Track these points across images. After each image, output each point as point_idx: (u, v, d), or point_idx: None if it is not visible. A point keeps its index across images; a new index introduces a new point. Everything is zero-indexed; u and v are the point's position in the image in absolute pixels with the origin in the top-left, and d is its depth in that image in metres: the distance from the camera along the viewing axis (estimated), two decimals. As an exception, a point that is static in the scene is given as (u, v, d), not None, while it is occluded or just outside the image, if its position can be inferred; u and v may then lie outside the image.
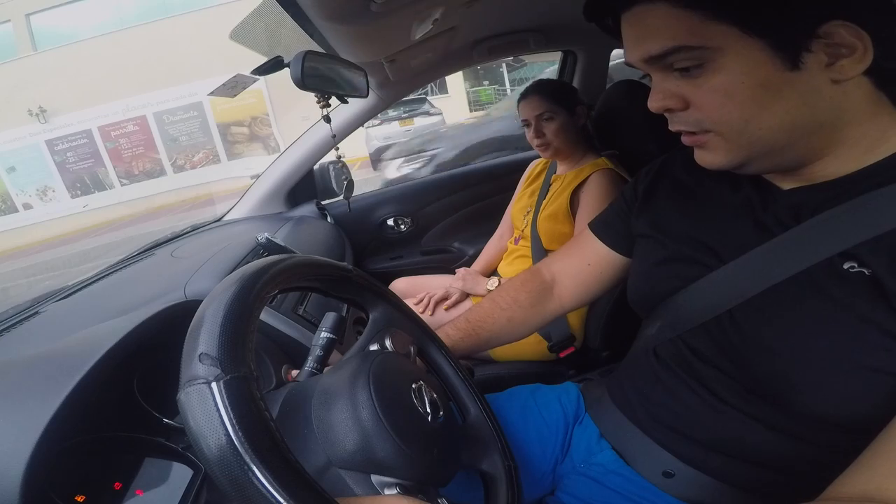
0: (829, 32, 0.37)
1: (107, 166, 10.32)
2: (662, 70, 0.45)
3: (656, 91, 0.46)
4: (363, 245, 1.74)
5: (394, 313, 0.57)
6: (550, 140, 1.19)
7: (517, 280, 0.76)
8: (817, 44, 0.38)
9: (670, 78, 0.45)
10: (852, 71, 0.38)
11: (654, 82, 0.47)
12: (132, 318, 0.57)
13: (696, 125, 0.46)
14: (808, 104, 0.40)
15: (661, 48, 0.42)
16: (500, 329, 0.72)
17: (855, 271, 0.41)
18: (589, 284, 0.73)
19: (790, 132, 0.42)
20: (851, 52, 0.38)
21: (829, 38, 0.38)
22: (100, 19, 10.39)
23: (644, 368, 0.62)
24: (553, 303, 0.74)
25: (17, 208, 10.18)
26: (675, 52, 0.42)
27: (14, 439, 0.42)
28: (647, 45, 0.43)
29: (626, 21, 0.45)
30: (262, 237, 1.00)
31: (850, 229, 0.42)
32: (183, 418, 0.31)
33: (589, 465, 0.65)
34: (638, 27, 0.44)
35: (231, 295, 0.36)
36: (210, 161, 10.50)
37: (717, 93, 0.42)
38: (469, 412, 0.58)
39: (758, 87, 0.40)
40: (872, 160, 0.43)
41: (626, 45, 0.46)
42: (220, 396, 0.30)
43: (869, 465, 0.38)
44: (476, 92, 13.64)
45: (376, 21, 0.68)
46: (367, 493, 0.39)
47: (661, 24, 0.42)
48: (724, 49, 0.40)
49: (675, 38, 0.41)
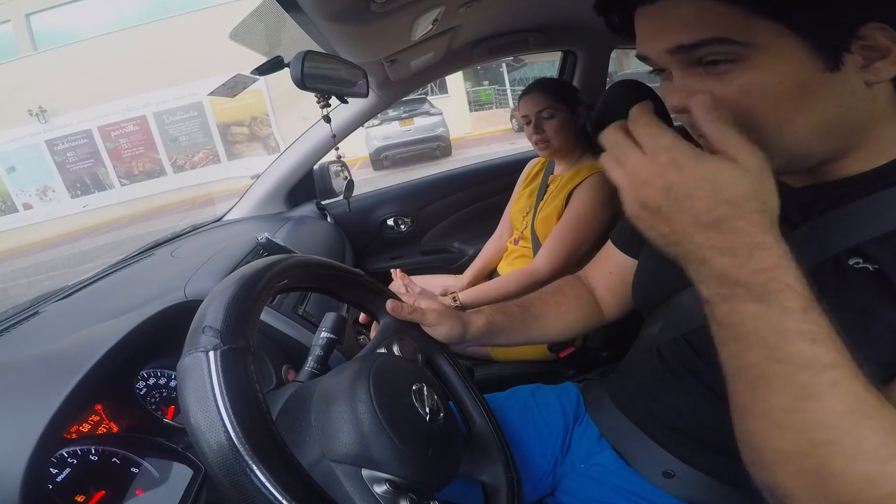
0: (866, 34, 0.37)
1: (107, 166, 10.33)
2: (686, 65, 0.42)
3: (678, 88, 0.43)
4: (363, 245, 1.74)
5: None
6: (550, 137, 1.19)
7: (559, 280, 0.78)
8: (856, 45, 0.37)
9: (694, 74, 0.42)
10: (886, 73, 0.38)
11: (675, 78, 0.43)
12: (132, 318, 0.57)
13: None
14: (843, 106, 0.40)
15: (696, 38, 0.39)
16: (548, 311, 0.72)
17: (860, 267, 0.41)
18: (617, 292, 0.73)
19: (822, 134, 0.41)
20: (885, 54, 0.37)
21: (867, 40, 0.37)
22: (100, 19, 10.40)
23: (645, 368, 0.62)
24: (596, 306, 0.75)
25: (17, 208, 10.19)
26: (711, 44, 0.39)
27: (14, 439, 0.42)
28: (676, 36, 0.40)
29: (646, 14, 0.43)
30: (262, 237, 1.00)
31: (857, 227, 0.42)
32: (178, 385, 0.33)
33: (589, 465, 0.65)
34: (662, 19, 0.42)
35: (241, 281, 0.38)
36: (210, 161, 10.51)
37: (751, 92, 0.40)
38: (475, 423, 0.58)
39: (796, 87, 0.39)
40: (885, 160, 0.43)
41: (645, 36, 0.43)
42: (215, 365, 0.32)
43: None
44: (476, 92, 13.64)
45: (376, 21, 0.68)
46: (356, 486, 0.39)
47: (695, 14, 0.39)
48: (765, 47, 0.38)
49: (715, 30, 0.39)
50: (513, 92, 13.14)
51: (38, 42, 10.60)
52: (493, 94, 13.70)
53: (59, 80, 9.73)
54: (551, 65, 2.42)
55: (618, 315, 0.75)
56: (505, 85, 13.49)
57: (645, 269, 0.64)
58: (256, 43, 1.03)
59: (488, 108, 13.50)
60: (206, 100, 10.02)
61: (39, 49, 10.51)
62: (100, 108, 9.95)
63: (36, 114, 9.97)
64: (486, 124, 12.26)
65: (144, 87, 9.78)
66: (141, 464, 0.50)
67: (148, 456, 0.50)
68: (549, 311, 0.72)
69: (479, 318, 0.65)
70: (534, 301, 0.73)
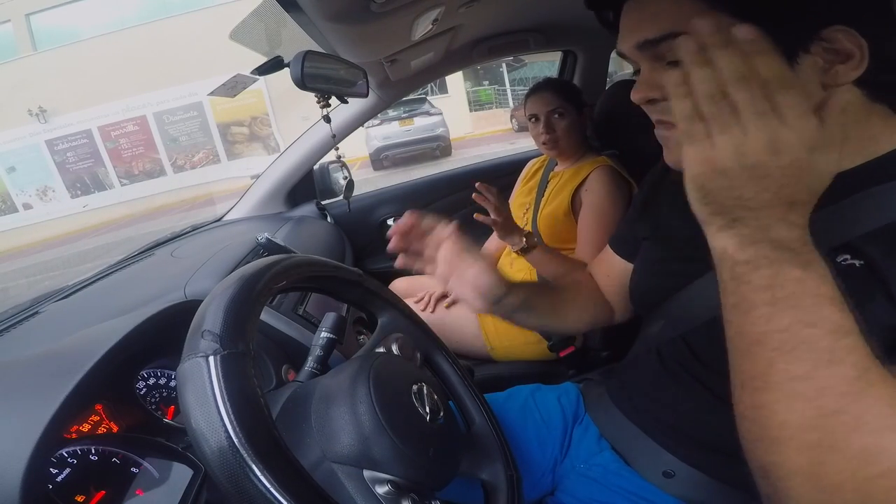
0: (830, 37, 0.37)
1: (107, 166, 10.33)
2: (653, 60, 0.44)
3: (642, 82, 0.45)
4: (363, 245, 1.74)
5: (402, 319, 0.58)
6: (560, 137, 1.18)
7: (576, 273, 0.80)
8: (816, 46, 0.38)
9: (659, 69, 0.44)
10: (845, 77, 0.38)
11: (642, 73, 0.46)
12: (132, 318, 0.57)
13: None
14: None
15: (658, 32, 0.42)
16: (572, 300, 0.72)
17: (847, 264, 0.41)
18: (615, 295, 0.73)
19: None
20: (847, 58, 0.38)
21: (829, 43, 0.38)
22: (100, 19, 10.40)
23: (645, 368, 0.62)
24: (607, 304, 0.75)
25: (17, 208, 10.19)
26: (670, 38, 0.41)
27: (14, 439, 0.42)
28: (642, 31, 0.43)
29: (627, 9, 0.45)
30: (262, 237, 1.00)
31: (841, 227, 0.42)
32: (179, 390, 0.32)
33: (589, 465, 0.65)
34: (638, 13, 0.44)
35: (240, 283, 0.38)
36: (210, 161, 10.51)
37: None
38: (474, 421, 0.58)
39: None
40: (860, 161, 0.43)
41: (622, 33, 0.46)
42: (216, 369, 0.32)
43: None
44: (476, 92, 13.65)
45: (376, 21, 0.68)
46: (358, 487, 0.39)
47: (662, 9, 0.41)
48: None
49: (674, 24, 0.40)
50: (513, 92, 13.15)
51: (38, 42, 10.60)
52: (493, 94, 13.71)
53: (59, 80, 9.73)
54: (551, 65, 2.42)
55: (622, 317, 0.75)
56: (505, 85, 13.49)
57: (641, 271, 0.64)
58: (256, 43, 1.03)
59: (488, 108, 13.51)
60: (206, 100, 10.02)
61: (39, 49, 10.52)
62: (100, 108, 9.95)
63: (36, 114, 9.97)
64: (486, 124, 12.27)
65: (144, 87, 9.78)
66: (141, 464, 0.50)
67: (148, 456, 0.50)
68: (572, 300, 0.73)
69: (518, 291, 0.64)
70: (560, 288, 0.74)
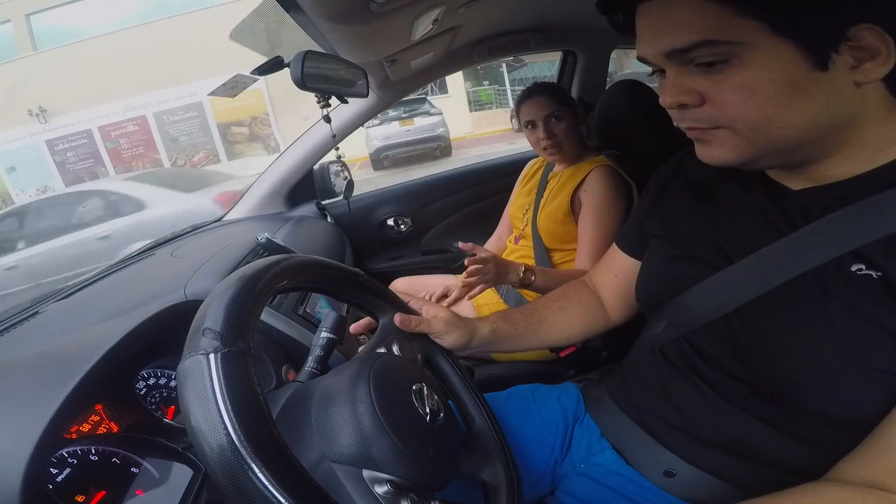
0: (856, 35, 0.38)
1: (107, 166, 10.33)
2: (681, 65, 0.43)
3: (671, 86, 0.45)
4: (363, 245, 1.74)
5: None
6: (561, 140, 1.16)
7: (562, 286, 0.78)
8: (844, 46, 0.38)
9: (688, 73, 0.43)
10: (875, 74, 0.38)
11: (669, 76, 0.45)
12: (132, 318, 0.57)
13: (709, 122, 0.45)
14: (831, 105, 0.40)
15: (687, 41, 0.41)
16: (552, 316, 0.72)
17: (862, 274, 0.41)
18: (622, 295, 0.73)
19: (809, 132, 0.42)
20: (875, 55, 0.38)
21: (856, 41, 0.38)
22: (100, 19, 10.39)
23: (648, 367, 0.62)
24: (602, 310, 0.75)
25: (17, 208, 10.18)
26: (700, 47, 0.41)
27: (14, 439, 0.42)
28: (669, 39, 0.42)
29: (644, 13, 0.44)
30: (262, 237, 1.00)
31: (859, 230, 0.42)
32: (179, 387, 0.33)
33: (589, 465, 0.65)
34: (659, 19, 0.43)
35: (241, 282, 0.38)
36: (210, 161, 10.50)
37: (740, 90, 0.41)
38: (475, 422, 0.58)
39: (784, 85, 0.40)
40: (882, 161, 0.43)
41: (642, 38, 0.45)
42: (216, 367, 0.32)
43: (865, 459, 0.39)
44: (476, 92, 13.64)
45: (376, 21, 0.68)
46: (357, 487, 0.39)
47: (687, 16, 0.40)
48: (752, 45, 0.39)
49: (702, 32, 0.40)
50: (513, 92, 13.13)
51: (38, 42, 10.59)
52: (493, 94, 13.69)
53: (59, 80, 9.73)
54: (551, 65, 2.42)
55: (624, 318, 0.75)
56: (505, 85, 13.48)
57: (649, 270, 0.64)
58: (256, 43, 1.03)
59: (488, 108, 13.49)
60: (206, 100, 10.03)
61: (39, 49, 10.51)
62: (100, 108, 9.96)
63: (36, 114, 9.98)
64: (486, 124, 12.26)
65: (144, 87, 9.78)
66: (141, 464, 0.50)
67: (148, 456, 0.50)
68: (552, 318, 0.72)
69: (484, 325, 0.65)
70: (538, 307, 0.73)
